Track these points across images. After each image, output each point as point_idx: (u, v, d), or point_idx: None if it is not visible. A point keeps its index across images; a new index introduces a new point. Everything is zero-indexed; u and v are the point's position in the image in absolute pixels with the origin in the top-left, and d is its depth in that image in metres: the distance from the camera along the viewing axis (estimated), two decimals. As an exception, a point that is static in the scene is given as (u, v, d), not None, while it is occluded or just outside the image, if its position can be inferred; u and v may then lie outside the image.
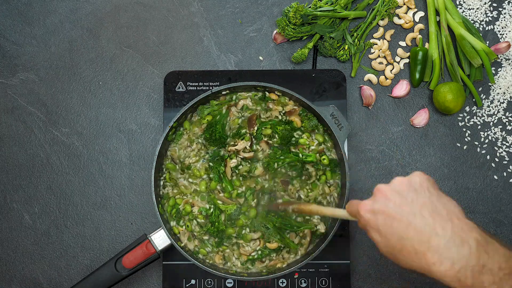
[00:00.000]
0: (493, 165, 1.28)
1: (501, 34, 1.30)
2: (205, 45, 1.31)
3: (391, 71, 1.30)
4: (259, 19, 1.32)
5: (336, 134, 1.18)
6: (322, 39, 1.29)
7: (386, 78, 1.30)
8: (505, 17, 1.30)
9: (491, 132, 1.29)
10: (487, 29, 1.31)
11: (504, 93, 1.29)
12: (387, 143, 1.29)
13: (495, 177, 1.28)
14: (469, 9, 1.31)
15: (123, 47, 1.31)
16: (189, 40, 1.31)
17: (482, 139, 1.29)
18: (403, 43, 1.31)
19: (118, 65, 1.31)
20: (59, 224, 1.28)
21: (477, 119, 1.29)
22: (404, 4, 1.31)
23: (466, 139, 1.29)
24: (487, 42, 1.30)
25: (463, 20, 1.29)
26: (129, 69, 1.31)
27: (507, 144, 1.28)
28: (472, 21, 1.30)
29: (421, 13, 1.31)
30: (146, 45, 1.31)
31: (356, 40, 1.29)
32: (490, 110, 1.29)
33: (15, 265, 1.27)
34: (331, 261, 1.23)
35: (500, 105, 1.29)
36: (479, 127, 1.29)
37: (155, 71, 1.31)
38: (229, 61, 1.31)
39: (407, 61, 1.31)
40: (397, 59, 1.31)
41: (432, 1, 1.28)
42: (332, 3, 1.28)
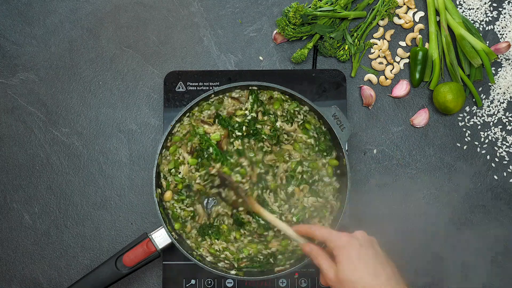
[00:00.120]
0: (493, 165, 1.28)
1: (501, 34, 1.30)
2: (205, 45, 1.31)
3: (391, 71, 1.30)
4: (259, 19, 1.32)
5: (338, 134, 1.18)
6: (322, 39, 1.30)
7: (386, 78, 1.30)
8: (505, 17, 1.30)
9: (491, 132, 1.29)
10: (487, 29, 1.31)
11: (504, 93, 1.29)
12: (387, 143, 1.29)
13: (495, 177, 1.28)
14: (469, 9, 1.31)
15: (123, 47, 1.31)
16: (189, 40, 1.31)
17: (482, 139, 1.29)
18: (403, 43, 1.31)
19: (118, 65, 1.31)
20: (59, 224, 1.28)
21: (477, 119, 1.29)
22: (404, 4, 1.31)
23: (466, 139, 1.29)
24: (487, 42, 1.30)
25: (463, 20, 1.29)
26: (129, 69, 1.31)
27: (507, 144, 1.28)
28: (472, 21, 1.31)
29: (421, 13, 1.31)
30: (146, 45, 1.31)
31: (356, 40, 1.29)
32: (490, 110, 1.29)
33: (15, 265, 1.27)
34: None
35: (500, 105, 1.29)
36: (479, 127, 1.29)
37: (155, 71, 1.31)
38: (229, 61, 1.31)
39: (407, 61, 1.31)
40: (397, 59, 1.31)
41: (432, 1, 1.28)
42: (332, 3, 1.28)
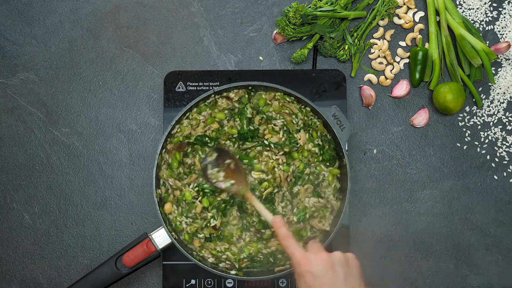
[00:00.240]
0: (493, 165, 1.28)
1: (501, 34, 1.30)
2: (205, 45, 1.31)
3: (391, 71, 1.30)
4: (259, 19, 1.32)
5: (338, 134, 1.18)
6: (322, 39, 1.30)
7: (386, 78, 1.30)
8: (505, 17, 1.30)
9: (491, 132, 1.29)
10: (487, 29, 1.31)
11: (504, 93, 1.29)
12: (387, 143, 1.29)
13: (495, 177, 1.28)
14: (469, 9, 1.31)
15: (123, 47, 1.31)
16: (189, 40, 1.31)
17: (482, 139, 1.29)
18: (403, 43, 1.31)
19: (118, 65, 1.31)
20: (59, 224, 1.28)
21: (477, 119, 1.29)
22: (404, 4, 1.31)
23: (466, 139, 1.29)
24: (487, 42, 1.30)
25: (463, 20, 1.29)
26: (129, 69, 1.31)
27: (507, 144, 1.29)
28: (472, 21, 1.31)
29: (421, 13, 1.31)
30: (146, 45, 1.31)
31: (356, 40, 1.29)
32: (490, 110, 1.29)
33: (15, 265, 1.27)
34: (331, 261, 1.23)
35: (500, 105, 1.29)
36: (479, 127, 1.29)
37: (155, 71, 1.31)
38: (229, 61, 1.31)
39: (407, 61, 1.31)
40: (397, 59, 1.31)
41: (432, 1, 1.28)
42: (332, 3, 1.28)
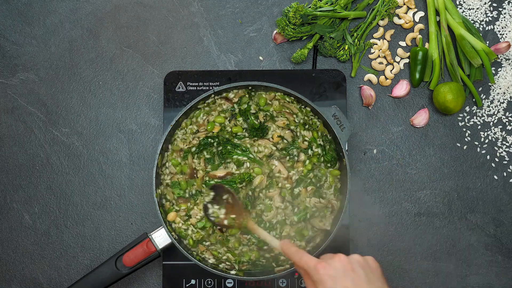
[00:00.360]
0: (493, 165, 1.28)
1: (501, 34, 1.30)
2: (205, 45, 1.31)
3: (391, 71, 1.30)
4: (259, 19, 1.32)
5: (338, 134, 1.18)
6: (322, 39, 1.30)
7: (386, 78, 1.30)
8: (505, 17, 1.30)
9: (491, 132, 1.29)
10: (487, 29, 1.31)
11: (504, 93, 1.29)
12: (387, 143, 1.29)
13: (495, 177, 1.28)
14: (469, 9, 1.31)
15: (123, 47, 1.31)
16: (189, 40, 1.31)
17: (482, 139, 1.29)
18: (403, 43, 1.31)
19: (118, 65, 1.31)
20: (59, 224, 1.28)
21: (477, 119, 1.29)
22: (404, 4, 1.31)
23: (466, 139, 1.29)
24: (487, 42, 1.30)
25: (463, 20, 1.29)
26: (129, 69, 1.31)
27: (507, 144, 1.29)
28: (472, 21, 1.31)
29: (421, 13, 1.31)
30: (146, 45, 1.31)
31: (356, 40, 1.29)
32: (490, 110, 1.29)
33: (15, 265, 1.27)
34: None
35: (500, 105, 1.29)
36: (479, 127, 1.29)
37: (155, 71, 1.31)
38: (229, 61, 1.31)
39: (407, 61, 1.31)
40: (397, 59, 1.31)
41: (432, 1, 1.28)
42: (332, 3, 1.28)
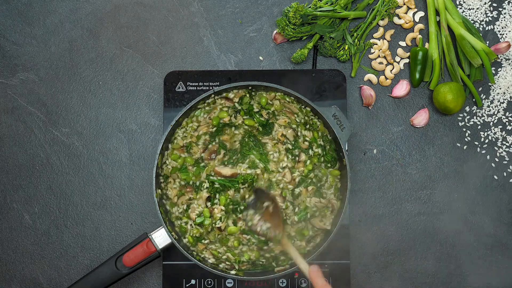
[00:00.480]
0: (493, 165, 1.28)
1: (501, 34, 1.30)
2: (205, 45, 1.31)
3: (391, 71, 1.30)
4: (259, 19, 1.32)
5: (338, 134, 1.18)
6: (322, 39, 1.29)
7: (386, 78, 1.30)
8: (505, 17, 1.30)
9: (491, 132, 1.29)
10: (487, 29, 1.31)
11: (504, 93, 1.29)
12: (387, 143, 1.29)
13: (495, 177, 1.28)
14: (469, 9, 1.31)
15: (123, 47, 1.31)
16: (189, 40, 1.31)
17: (482, 139, 1.29)
18: (403, 43, 1.31)
19: (118, 65, 1.31)
20: (59, 224, 1.28)
21: (477, 119, 1.29)
22: (404, 4, 1.31)
23: (466, 139, 1.29)
24: (487, 42, 1.30)
25: (463, 20, 1.29)
26: (129, 69, 1.31)
27: (507, 144, 1.28)
28: (472, 21, 1.31)
29: (421, 13, 1.31)
30: (146, 45, 1.31)
31: (356, 40, 1.29)
32: (490, 110, 1.29)
33: (15, 265, 1.27)
34: (331, 261, 1.24)
35: (500, 105, 1.29)
36: (479, 127, 1.29)
37: (155, 71, 1.31)
38: (229, 61, 1.31)
39: (407, 61, 1.31)
40: (397, 59, 1.31)
41: (432, 1, 1.28)
42: (332, 3, 1.28)
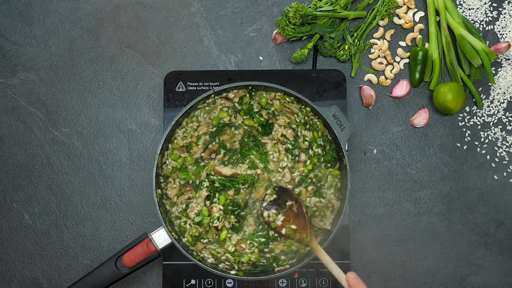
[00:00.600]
0: (493, 165, 1.28)
1: (501, 34, 1.30)
2: (205, 45, 1.31)
3: (391, 71, 1.30)
4: (259, 19, 1.32)
5: (338, 134, 1.18)
6: (322, 39, 1.30)
7: (386, 78, 1.30)
8: (505, 17, 1.30)
9: (491, 132, 1.29)
10: (487, 29, 1.31)
11: (504, 93, 1.29)
12: (387, 143, 1.29)
13: (495, 177, 1.28)
14: (469, 9, 1.31)
15: (123, 47, 1.31)
16: (189, 40, 1.31)
17: (482, 139, 1.29)
18: (403, 43, 1.31)
19: (118, 65, 1.31)
20: (59, 224, 1.28)
21: (477, 119, 1.29)
22: (404, 4, 1.31)
23: (466, 139, 1.29)
24: (487, 42, 1.30)
25: (463, 20, 1.29)
26: (129, 69, 1.31)
27: (507, 144, 1.29)
28: (472, 21, 1.31)
29: (421, 13, 1.31)
30: (146, 45, 1.31)
31: (356, 40, 1.29)
32: (490, 110, 1.29)
33: (15, 265, 1.27)
34: (331, 261, 1.24)
35: (500, 105, 1.29)
36: (479, 127, 1.29)
37: (155, 71, 1.31)
38: (229, 61, 1.31)
39: (407, 61, 1.31)
40: (397, 59, 1.31)
41: (432, 1, 1.28)
42: (332, 3, 1.28)
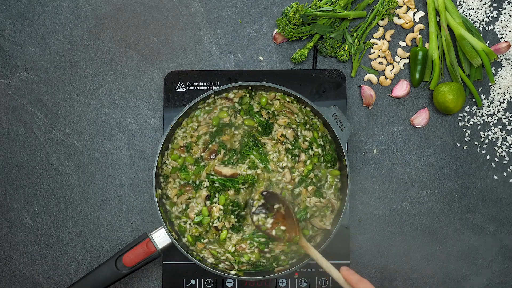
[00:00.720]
0: (493, 165, 1.28)
1: (501, 34, 1.30)
2: (205, 45, 1.31)
3: (391, 71, 1.30)
4: (259, 19, 1.32)
5: (338, 134, 1.18)
6: (322, 39, 1.30)
7: (386, 78, 1.30)
8: (505, 17, 1.30)
9: (491, 132, 1.29)
10: (487, 29, 1.31)
11: (504, 93, 1.29)
12: (387, 143, 1.29)
13: (495, 177, 1.28)
14: (469, 9, 1.31)
15: (123, 47, 1.31)
16: (189, 40, 1.31)
17: (482, 139, 1.29)
18: (403, 43, 1.31)
19: (118, 65, 1.31)
20: (59, 224, 1.28)
21: (477, 119, 1.29)
22: (404, 4, 1.31)
23: (466, 139, 1.29)
24: (487, 42, 1.30)
25: (463, 20, 1.29)
26: (129, 69, 1.31)
27: (507, 144, 1.29)
28: (472, 21, 1.31)
29: (421, 13, 1.31)
30: (146, 45, 1.31)
31: (356, 40, 1.29)
32: (490, 110, 1.29)
33: (15, 265, 1.27)
34: (331, 261, 1.23)
35: (500, 105, 1.29)
36: (479, 127, 1.29)
37: (155, 71, 1.31)
38: (229, 61, 1.31)
39: (407, 61, 1.31)
40: (397, 59, 1.31)
41: (432, 1, 1.28)
42: (332, 3, 1.28)
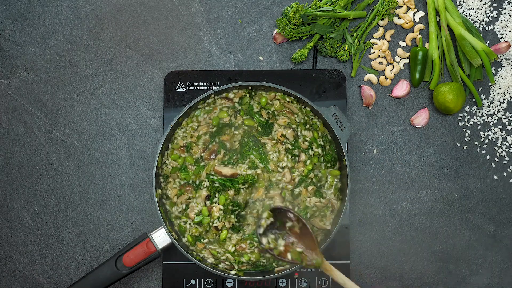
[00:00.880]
0: (493, 165, 1.28)
1: (501, 34, 1.30)
2: (205, 45, 1.31)
3: (391, 71, 1.30)
4: (259, 19, 1.32)
5: (338, 134, 1.18)
6: (322, 39, 1.30)
7: (386, 78, 1.30)
8: (505, 17, 1.30)
9: (491, 132, 1.29)
10: (487, 29, 1.31)
11: (504, 93, 1.29)
12: (387, 143, 1.29)
13: (495, 177, 1.28)
14: (469, 9, 1.31)
15: (123, 47, 1.31)
16: (189, 40, 1.31)
17: (482, 139, 1.29)
18: (403, 43, 1.31)
19: (118, 65, 1.31)
20: (59, 224, 1.28)
21: (477, 119, 1.29)
22: (404, 4, 1.31)
23: (466, 139, 1.29)
24: (487, 42, 1.30)
25: (463, 20, 1.29)
26: (129, 69, 1.31)
27: (507, 144, 1.29)
28: (472, 21, 1.31)
29: (421, 13, 1.31)
30: (146, 45, 1.31)
31: (356, 40, 1.29)
32: (490, 110, 1.29)
33: (15, 265, 1.27)
34: (331, 261, 1.24)
35: (500, 105, 1.29)
36: (479, 127, 1.29)
37: (155, 71, 1.31)
38: (229, 61, 1.31)
39: (407, 61, 1.31)
40: (397, 59, 1.31)
41: (432, 1, 1.28)
42: (332, 3, 1.28)
